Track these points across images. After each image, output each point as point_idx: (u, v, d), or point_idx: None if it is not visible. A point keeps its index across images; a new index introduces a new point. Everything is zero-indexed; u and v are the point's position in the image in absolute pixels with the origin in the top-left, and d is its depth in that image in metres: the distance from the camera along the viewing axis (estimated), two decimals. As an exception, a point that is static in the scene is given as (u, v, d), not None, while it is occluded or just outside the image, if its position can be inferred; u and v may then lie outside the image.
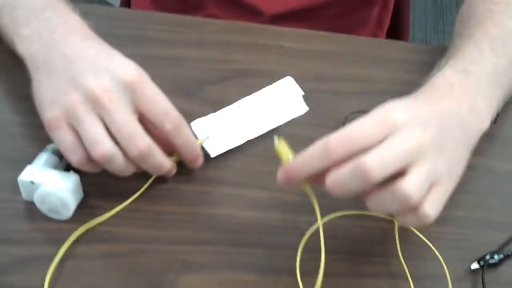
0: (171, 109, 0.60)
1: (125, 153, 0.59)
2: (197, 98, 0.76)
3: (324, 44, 0.85)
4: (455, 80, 0.62)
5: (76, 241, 0.62)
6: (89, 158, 0.60)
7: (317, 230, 0.60)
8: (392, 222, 0.66)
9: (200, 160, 0.65)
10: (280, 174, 0.56)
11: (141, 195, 0.66)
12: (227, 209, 0.67)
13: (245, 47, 0.82)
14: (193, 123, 0.71)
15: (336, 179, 0.52)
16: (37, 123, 0.62)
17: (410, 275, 0.63)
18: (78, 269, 0.61)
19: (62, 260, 0.61)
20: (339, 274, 0.63)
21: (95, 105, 0.57)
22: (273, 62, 0.82)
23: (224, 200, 0.68)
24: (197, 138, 0.69)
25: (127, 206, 0.65)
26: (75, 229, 0.63)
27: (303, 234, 0.63)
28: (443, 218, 0.58)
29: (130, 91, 0.59)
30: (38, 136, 0.63)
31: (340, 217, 0.66)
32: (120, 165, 0.60)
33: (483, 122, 0.62)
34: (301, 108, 0.76)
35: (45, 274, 0.59)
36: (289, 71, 0.80)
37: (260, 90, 0.76)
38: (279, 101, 0.75)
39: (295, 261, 0.63)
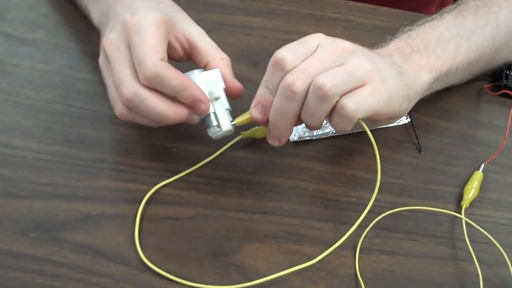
0: (147, 59, 0.55)
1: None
2: (263, 68, 0.75)
3: (392, 20, 0.83)
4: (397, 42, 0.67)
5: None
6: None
7: (386, 211, 0.60)
8: (459, 207, 0.65)
9: (201, 105, 0.58)
10: (269, 139, 0.60)
11: (210, 161, 0.66)
12: (293, 180, 0.66)
13: (313, 19, 0.81)
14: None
15: (305, 110, 0.56)
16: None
17: (477, 259, 0.62)
18: (143, 231, 0.61)
19: (126, 220, 0.61)
20: (406, 254, 0.63)
21: (106, 56, 0.59)
22: (340, 36, 0.80)
23: (290, 171, 0.67)
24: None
25: (194, 171, 0.65)
26: (141, 190, 0.63)
27: (369, 211, 0.62)
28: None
29: (127, 36, 0.57)
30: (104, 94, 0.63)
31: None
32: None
33: (421, 74, 0.65)
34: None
35: (110, 232, 0.60)
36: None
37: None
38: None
39: (360, 236, 0.62)
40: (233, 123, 0.61)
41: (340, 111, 0.56)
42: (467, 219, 0.64)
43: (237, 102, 0.62)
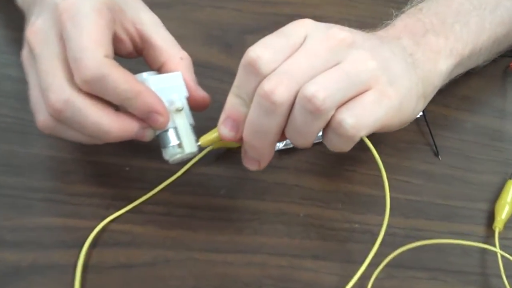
0: (86, 55, 0.41)
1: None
2: (239, 52, 0.60)
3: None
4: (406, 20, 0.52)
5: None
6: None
7: (399, 240, 0.46)
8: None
9: (157, 118, 0.44)
10: (246, 161, 0.47)
11: (172, 182, 0.52)
12: (280, 203, 0.52)
13: (299, -15, 0.65)
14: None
15: (291, 126, 0.43)
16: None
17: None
18: (87, 285, 0.47)
19: (64, 272, 0.47)
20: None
21: (30, 49, 0.44)
22: (333, 6, 0.65)
23: (275, 191, 0.53)
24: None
25: (151, 197, 0.51)
26: (83, 227, 0.49)
27: (375, 238, 0.48)
28: None
29: (58, 24, 0.43)
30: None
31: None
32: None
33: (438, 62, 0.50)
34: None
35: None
36: (349, 17, 0.63)
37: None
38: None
39: (369, 279, 0.49)
40: (198, 143, 0.46)
41: (336, 128, 0.42)
42: (503, 253, 0.50)
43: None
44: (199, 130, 0.47)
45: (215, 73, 0.58)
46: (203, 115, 0.48)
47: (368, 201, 0.53)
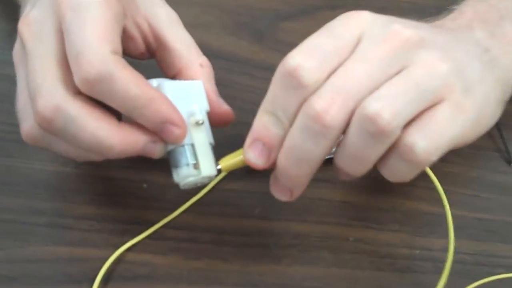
0: (90, 49, 0.34)
1: None
2: (272, 43, 0.52)
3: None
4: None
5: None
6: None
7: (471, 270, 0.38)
8: None
9: (173, 130, 0.36)
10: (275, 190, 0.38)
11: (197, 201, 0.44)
12: (324, 225, 0.44)
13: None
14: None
15: (344, 151, 0.34)
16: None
17: None
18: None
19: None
20: None
21: (22, 44, 0.37)
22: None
23: (318, 209, 0.45)
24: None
25: (173, 220, 0.44)
26: (94, 258, 0.41)
27: (440, 267, 0.39)
28: None
29: (57, 15, 0.36)
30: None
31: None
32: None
33: None
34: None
35: None
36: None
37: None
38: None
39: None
40: (219, 166, 0.37)
41: (405, 153, 0.33)
42: None
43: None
44: (218, 150, 0.38)
45: (245, 67, 0.50)
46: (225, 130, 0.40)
47: (430, 221, 0.45)
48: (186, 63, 0.40)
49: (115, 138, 0.36)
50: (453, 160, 0.48)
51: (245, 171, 0.45)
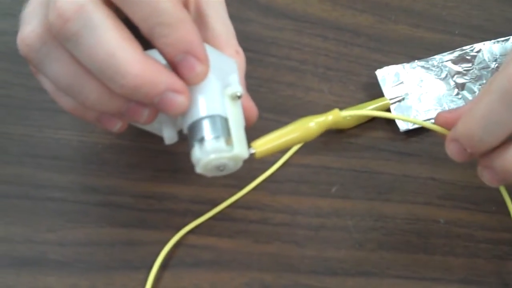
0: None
1: None
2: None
3: None
4: None
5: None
6: None
7: None
8: None
9: (192, 63, 0.30)
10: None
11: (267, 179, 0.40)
12: (410, 204, 0.39)
13: None
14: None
15: None
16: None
17: None
18: None
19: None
20: None
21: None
22: None
23: (403, 186, 0.40)
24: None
25: (240, 198, 0.39)
26: (152, 241, 0.37)
27: None
28: None
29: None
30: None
31: None
32: None
33: None
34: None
35: None
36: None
37: None
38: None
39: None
40: (253, 150, 0.32)
41: None
42: None
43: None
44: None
45: (316, 29, 0.45)
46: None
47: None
48: (224, 45, 0.34)
49: (136, 65, 0.29)
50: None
51: (321, 143, 0.40)
